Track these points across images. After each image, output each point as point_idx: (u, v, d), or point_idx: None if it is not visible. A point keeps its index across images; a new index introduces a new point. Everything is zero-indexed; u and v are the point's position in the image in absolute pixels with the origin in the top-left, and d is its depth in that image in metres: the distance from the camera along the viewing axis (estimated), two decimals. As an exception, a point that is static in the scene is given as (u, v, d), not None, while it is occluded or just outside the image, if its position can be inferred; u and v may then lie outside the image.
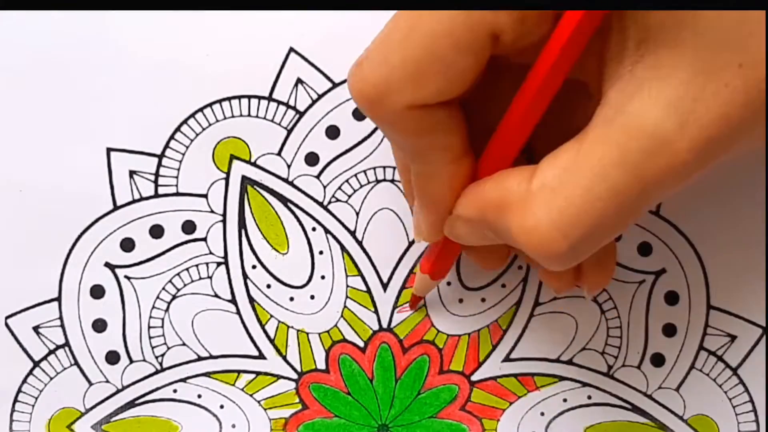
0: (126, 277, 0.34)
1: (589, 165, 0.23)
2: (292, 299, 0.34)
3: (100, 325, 0.34)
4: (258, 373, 0.34)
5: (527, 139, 0.26)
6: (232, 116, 0.34)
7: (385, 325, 0.34)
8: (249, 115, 0.34)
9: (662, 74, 0.23)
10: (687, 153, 0.23)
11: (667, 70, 0.23)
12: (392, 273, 0.34)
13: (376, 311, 0.34)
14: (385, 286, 0.34)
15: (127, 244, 0.34)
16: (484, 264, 0.32)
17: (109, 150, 0.34)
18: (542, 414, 0.34)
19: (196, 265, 0.34)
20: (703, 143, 0.23)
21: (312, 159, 0.34)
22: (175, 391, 0.34)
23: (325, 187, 0.34)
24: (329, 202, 0.34)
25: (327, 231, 0.34)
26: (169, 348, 0.34)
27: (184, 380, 0.34)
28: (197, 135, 0.34)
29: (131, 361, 0.34)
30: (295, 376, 0.34)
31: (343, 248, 0.34)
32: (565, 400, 0.34)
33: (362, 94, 0.25)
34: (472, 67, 0.24)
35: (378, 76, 0.24)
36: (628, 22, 0.23)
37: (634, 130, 0.23)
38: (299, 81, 0.34)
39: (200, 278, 0.34)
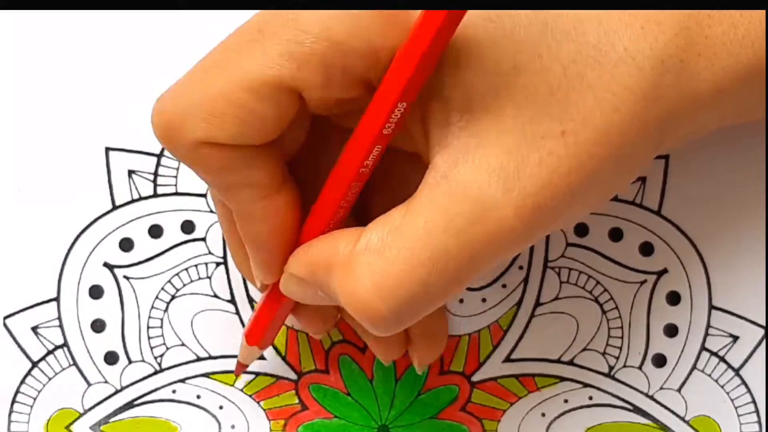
0: (125, 277, 0.34)
1: (413, 229, 0.23)
2: (291, 299, 0.34)
3: (98, 326, 0.34)
4: (257, 374, 0.34)
5: (352, 202, 0.26)
6: (232, 115, 0.34)
7: (385, 325, 0.34)
8: (248, 114, 0.34)
9: (486, 142, 0.23)
10: (514, 219, 0.23)
11: (491, 138, 0.23)
12: (392, 273, 0.34)
13: (376, 311, 0.34)
14: (385, 286, 0.34)
15: (126, 244, 0.34)
16: (311, 328, 0.31)
17: (107, 149, 0.34)
18: (543, 415, 0.34)
19: (195, 265, 0.34)
20: (529, 210, 0.23)
21: (312, 158, 0.34)
22: (174, 391, 0.34)
23: (324, 187, 0.34)
24: (329, 202, 0.34)
25: (327, 231, 0.34)
26: (168, 348, 0.34)
27: (183, 381, 0.34)
28: (196, 134, 0.34)
29: (130, 362, 0.34)
30: (294, 376, 0.34)
31: (342, 248, 0.34)
32: (566, 401, 0.34)
33: (158, 126, 0.25)
34: (273, 118, 0.24)
35: (174, 110, 0.24)
36: (449, 90, 0.24)
37: (459, 195, 0.23)
38: (299, 80, 0.34)
39: (199, 278, 0.34)
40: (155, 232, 0.34)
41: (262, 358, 0.34)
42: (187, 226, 0.34)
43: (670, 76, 0.24)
